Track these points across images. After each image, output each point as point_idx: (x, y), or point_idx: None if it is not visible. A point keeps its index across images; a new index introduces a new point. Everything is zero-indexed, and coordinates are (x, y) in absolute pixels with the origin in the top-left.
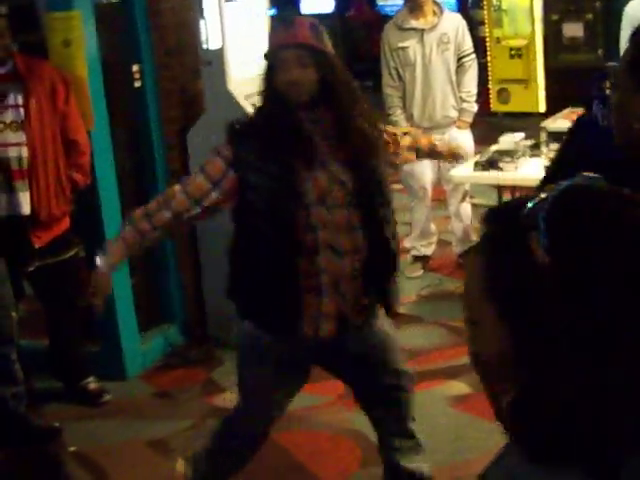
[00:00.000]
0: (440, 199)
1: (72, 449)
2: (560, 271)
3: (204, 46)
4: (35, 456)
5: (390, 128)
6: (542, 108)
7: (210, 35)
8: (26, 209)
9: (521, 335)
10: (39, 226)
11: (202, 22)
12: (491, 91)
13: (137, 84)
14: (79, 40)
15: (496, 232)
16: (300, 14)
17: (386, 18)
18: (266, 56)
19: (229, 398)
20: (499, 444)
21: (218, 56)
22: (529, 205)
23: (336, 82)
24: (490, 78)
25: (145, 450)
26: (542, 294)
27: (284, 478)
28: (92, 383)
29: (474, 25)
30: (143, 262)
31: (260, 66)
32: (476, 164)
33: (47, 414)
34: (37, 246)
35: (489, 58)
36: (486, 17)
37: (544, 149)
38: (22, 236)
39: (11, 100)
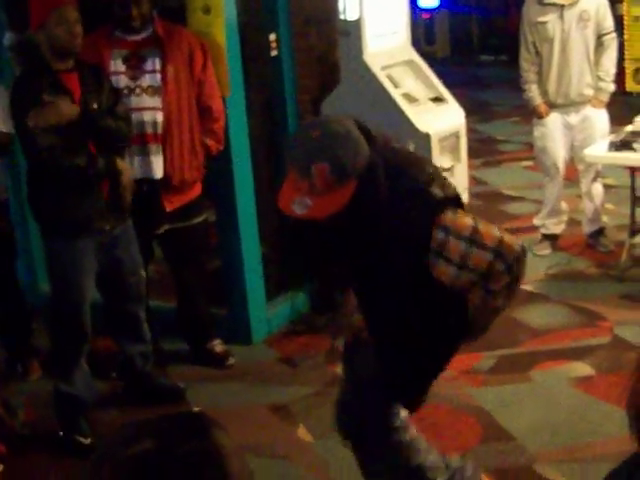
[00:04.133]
0: (572, 178)
1: (196, 410)
2: None
3: (341, 17)
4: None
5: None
6: None
7: (348, 6)
8: (159, 173)
9: None
10: (171, 190)
11: None
12: (627, 70)
13: (273, 53)
14: (218, 7)
15: None
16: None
17: None
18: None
19: None
20: (620, 428)
21: (355, 27)
22: None
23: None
24: (626, 57)
25: (267, 414)
26: None
27: None
28: (218, 346)
29: (613, 2)
30: (274, 231)
31: (397, 38)
32: (610, 144)
33: (173, 374)
34: (168, 210)
35: (626, 37)
36: None
37: None
38: (154, 199)
39: (149, 65)
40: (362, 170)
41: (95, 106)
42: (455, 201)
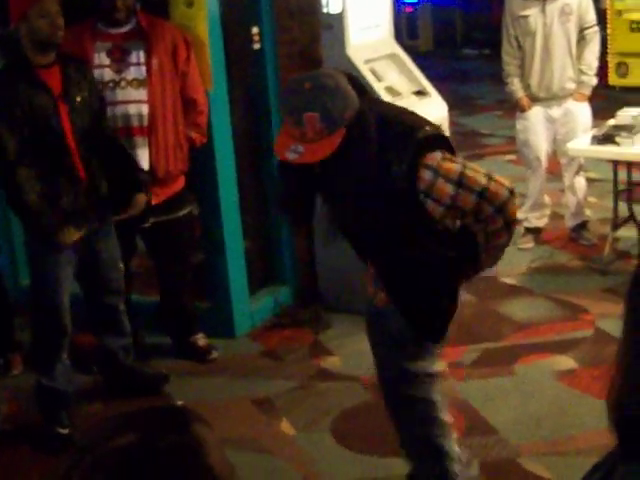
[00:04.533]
0: (555, 172)
1: (179, 403)
2: None
3: (324, 10)
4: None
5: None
6: None
7: None
8: (145, 165)
9: None
10: (156, 183)
11: None
12: (609, 64)
13: (256, 46)
14: (201, 0)
15: None
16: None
17: None
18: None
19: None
20: (603, 421)
21: (338, 20)
22: None
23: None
24: (609, 51)
25: (250, 408)
26: None
27: (387, 442)
28: (201, 339)
29: None
30: (257, 225)
31: (380, 32)
32: (593, 138)
33: (156, 368)
34: (154, 203)
35: (609, 31)
36: None
37: None
38: None
39: (134, 58)
40: (351, 120)
41: (78, 99)
42: (446, 146)
